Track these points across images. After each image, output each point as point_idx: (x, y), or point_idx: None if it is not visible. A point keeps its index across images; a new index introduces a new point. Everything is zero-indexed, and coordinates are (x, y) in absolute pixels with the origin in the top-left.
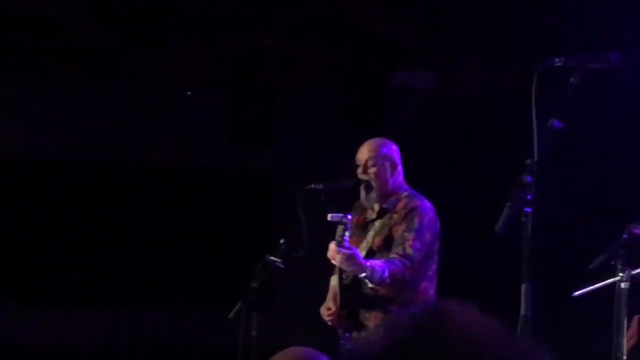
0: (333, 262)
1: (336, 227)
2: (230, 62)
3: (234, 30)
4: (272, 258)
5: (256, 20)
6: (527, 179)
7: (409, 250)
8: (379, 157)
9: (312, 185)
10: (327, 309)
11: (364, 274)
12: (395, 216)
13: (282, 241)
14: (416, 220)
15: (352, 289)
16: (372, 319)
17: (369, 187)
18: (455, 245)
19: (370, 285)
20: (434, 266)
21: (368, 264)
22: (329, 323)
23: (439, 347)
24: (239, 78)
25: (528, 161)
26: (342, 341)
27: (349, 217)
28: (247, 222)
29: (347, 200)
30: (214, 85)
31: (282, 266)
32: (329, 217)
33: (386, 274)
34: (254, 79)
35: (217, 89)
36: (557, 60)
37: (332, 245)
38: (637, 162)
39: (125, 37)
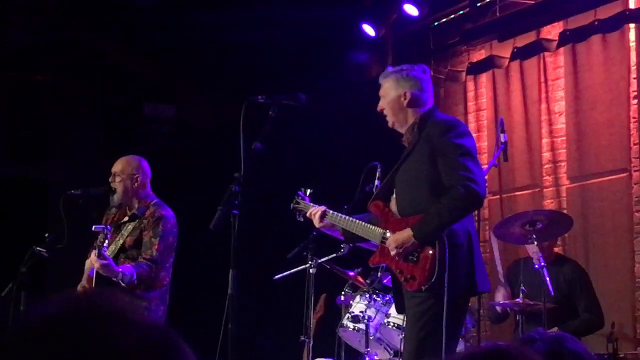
0: (93, 266)
1: (98, 235)
2: (10, 92)
3: (13, 67)
4: (38, 248)
5: (31, 59)
6: (236, 187)
7: (155, 254)
8: (124, 170)
9: (72, 191)
10: (82, 288)
11: (115, 278)
12: (145, 222)
13: (47, 235)
14: (161, 227)
15: (102, 274)
16: None
17: (114, 193)
18: (186, 240)
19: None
20: (171, 260)
21: (120, 269)
22: None
23: (95, 325)
24: (18, 105)
25: (236, 174)
26: None
27: (109, 228)
28: (23, 222)
29: (100, 203)
30: None
31: (46, 255)
32: (93, 228)
33: (134, 277)
34: (30, 106)
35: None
36: (259, 97)
37: (93, 255)
38: (325, 178)
39: None
